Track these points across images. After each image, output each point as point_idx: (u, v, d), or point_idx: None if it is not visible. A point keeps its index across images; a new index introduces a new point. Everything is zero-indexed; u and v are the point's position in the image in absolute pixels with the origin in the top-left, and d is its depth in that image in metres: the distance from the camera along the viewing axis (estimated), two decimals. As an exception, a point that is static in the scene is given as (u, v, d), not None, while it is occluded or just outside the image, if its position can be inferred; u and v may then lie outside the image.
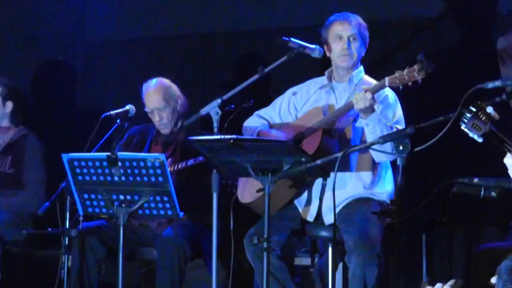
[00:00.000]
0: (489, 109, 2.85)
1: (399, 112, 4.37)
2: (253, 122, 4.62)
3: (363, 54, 4.48)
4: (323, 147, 4.23)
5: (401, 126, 4.29)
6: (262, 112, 4.68)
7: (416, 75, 3.98)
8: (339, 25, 4.42)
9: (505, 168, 3.43)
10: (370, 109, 4.13)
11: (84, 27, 6.28)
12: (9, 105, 5.60)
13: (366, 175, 4.35)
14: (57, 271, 4.72)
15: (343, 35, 4.41)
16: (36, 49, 6.19)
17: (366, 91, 4.10)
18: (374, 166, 4.36)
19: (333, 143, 4.29)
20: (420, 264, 5.39)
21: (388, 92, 4.33)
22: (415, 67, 3.98)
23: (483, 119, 2.82)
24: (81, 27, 6.28)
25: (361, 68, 4.49)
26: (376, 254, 4.13)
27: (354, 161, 4.35)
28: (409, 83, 4.03)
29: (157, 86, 5.04)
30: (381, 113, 4.19)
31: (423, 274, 5.30)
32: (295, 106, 4.60)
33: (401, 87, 4.10)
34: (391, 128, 4.18)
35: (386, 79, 4.11)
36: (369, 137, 4.14)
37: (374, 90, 4.15)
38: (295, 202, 4.42)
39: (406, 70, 4.03)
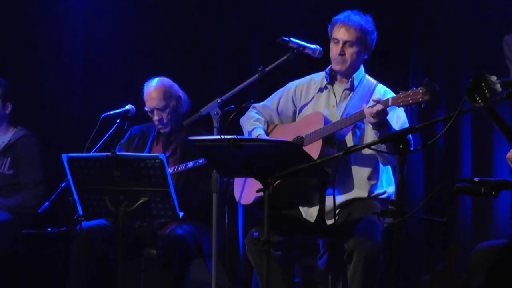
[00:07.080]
0: (493, 78, 2.81)
1: (403, 115, 4.35)
2: (250, 119, 4.59)
3: (365, 57, 4.44)
4: (323, 156, 4.20)
5: None
6: (260, 106, 4.64)
7: (420, 98, 3.93)
8: (338, 28, 4.38)
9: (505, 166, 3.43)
10: (384, 123, 4.12)
11: (84, 27, 6.28)
12: (9, 106, 5.59)
13: (367, 176, 4.35)
14: (57, 271, 4.73)
15: (339, 40, 4.39)
16: (36, 49, 6.19)
17: (377, 103, 4.07)
18: (375, 166, 4.36)
19: (333, 153, 4.26)
20: (420, 263, 5.40)
21: (389, 96, 4.31)
22: (420, 89, 3.93)
23: (485, 89, 2.78)
24: (81, 27, 6.27)
25: (361, 69, 4.47)
26: (376, 254, 4.12)
27: (355, 161, 4.35)
28: (413, 105, 4.00)
29: (158, 86, 5.03)
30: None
31: (423, 274, 5.31)
32: (294, 103, 4.58)
33: (403, 108, 4.09)
34: None
35: (389, 99, 4.07)
36: (383, 148, 4.10)
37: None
38: (296, 202, 4.42)
39: (410, 91, 3.98)
